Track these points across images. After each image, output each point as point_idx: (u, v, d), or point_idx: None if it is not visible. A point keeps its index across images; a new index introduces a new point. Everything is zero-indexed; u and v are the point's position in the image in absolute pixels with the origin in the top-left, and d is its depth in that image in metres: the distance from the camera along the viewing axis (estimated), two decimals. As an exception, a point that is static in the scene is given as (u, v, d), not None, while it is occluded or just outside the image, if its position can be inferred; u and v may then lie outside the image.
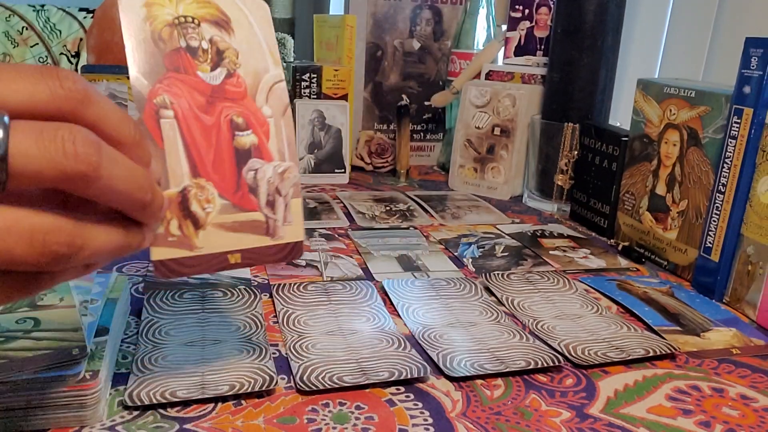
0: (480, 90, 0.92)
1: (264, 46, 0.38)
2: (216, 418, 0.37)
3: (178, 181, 0.33)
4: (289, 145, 0.38)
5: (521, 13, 0.94)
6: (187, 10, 0.36)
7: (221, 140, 0.35)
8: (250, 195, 0.36)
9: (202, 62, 0.35)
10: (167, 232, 0.33)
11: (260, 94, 0.37)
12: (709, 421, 0.40)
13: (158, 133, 0.33)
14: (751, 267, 0.55)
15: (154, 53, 0.34)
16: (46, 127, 0.24)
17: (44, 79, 0.25)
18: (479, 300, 0.55)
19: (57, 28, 1.01)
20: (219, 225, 0.35)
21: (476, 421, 0.38)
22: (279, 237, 0.37)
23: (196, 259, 0.34)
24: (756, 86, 0.54)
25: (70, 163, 0.24)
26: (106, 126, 0.26)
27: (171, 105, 0.34)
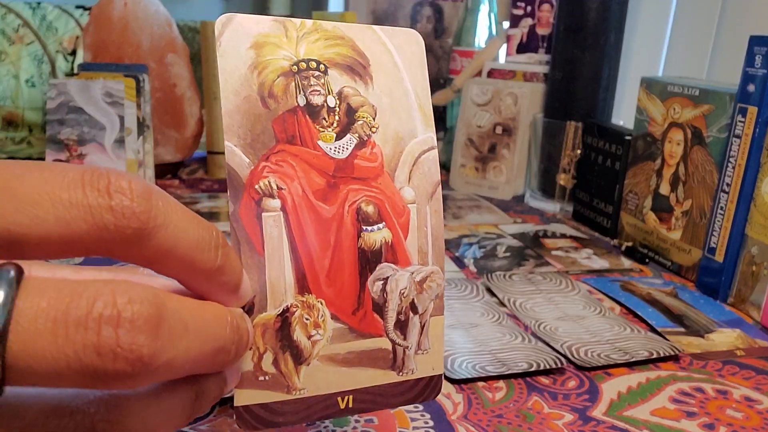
0: (481, 88, 0.91)
1: (412, 100, 0.28)
2: (214, 420, 0.37)
3: (279, 299, 0.25)
4: (435, 242, 0.29)
5: (523, 10, 0.94)
6: (311, 51, 0.27)
7: (342, 239, 0.27)
8: (375, 314, 0.28)
9: (325, 127, 0.27)
10: (258, 369, 0.25)
11: (402, 169, 0.28)
12: (714, 423, 0.39)
13: (258, 233, 0.25)
14: (755, 267, 0.54)
15: (261, 116, 0.25)
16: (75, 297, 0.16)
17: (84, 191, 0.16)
18: (481, 301, 0.54)
19: (53, 25, 1.01)
20: (329, 358, 0.27)
21: (478, 423, 0.38)
22: (409, 371, 0.28)
23: (293, 404, 0.26)
24: (760, 85, 0.53)
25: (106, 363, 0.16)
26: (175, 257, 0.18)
27: (279, 192, 0.25)
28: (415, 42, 0.29)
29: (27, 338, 0.15)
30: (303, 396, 0.26)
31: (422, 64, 0.29)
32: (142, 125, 0.77)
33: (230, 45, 0.25)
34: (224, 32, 0.25)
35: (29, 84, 0.99)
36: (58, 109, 0.74)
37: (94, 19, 0.84)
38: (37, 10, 1.01)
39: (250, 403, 0.25)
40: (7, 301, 0.15)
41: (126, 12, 0.83)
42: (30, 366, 0.15)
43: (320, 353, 0.27)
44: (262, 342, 0.25)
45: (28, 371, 0.15)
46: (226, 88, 0.25)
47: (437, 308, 0.29)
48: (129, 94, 0.76)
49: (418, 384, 0.29)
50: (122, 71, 0.78)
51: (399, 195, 0.28)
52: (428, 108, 0.29)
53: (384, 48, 0.28)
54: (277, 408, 0.26)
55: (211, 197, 0.80)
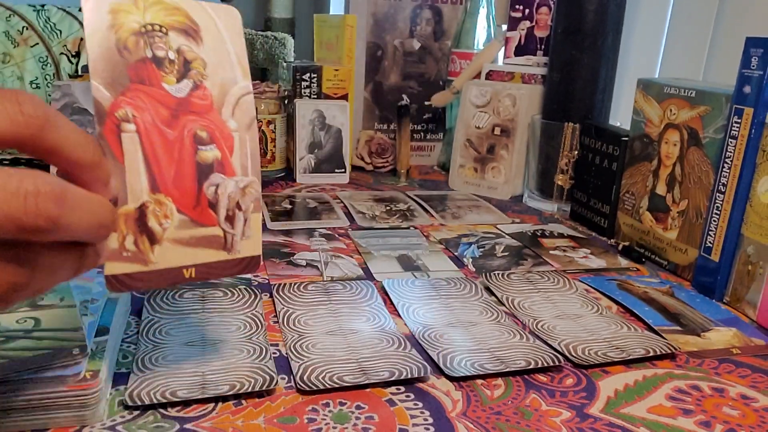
0: (480, 90, 0.92)
1: (233, 57, 0.37)
2: (216, 417, 0.37)
3: (137, 196, 0.33)
4: (253, 160, 0.37)
5: (521, 12, 0.94)
6: (155, 18, 0.34)
7: (184, 155, 0.34)
8: (210, 210, 0.35)
9: (167, 74, 0.34)
10: (122, 248, 0.32)
11: (227, 107, 0.36)
12: (710, 421, 0.40)
13: (119, 147, 0.32)
14: (751, 267, 0.55)
15: (118, 63, 0.33)
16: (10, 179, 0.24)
17: (3, 104, 0.24)
18: (479, 300, 0.55)
19: (57, 27, 1.01)
20: (176, 240, 0.34)
21: (476, 420, 0.38)
22: (236, 251, 0.37)
23: (149, 274, 0.34)
24: (756, 86, 0.54)
25: (30, 220, 0.24)
26: (65, 150, 0.26)
27: (133, 118, 0.33)
28: (234, 16, 0.38)
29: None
30: (156, 268, 0.34)
31: (240, 32, 0.38)
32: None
33: (93, 10, 0.32)
34: (88, 2, 0.32)
35: (34, 85, 0.99)
36: (63, 111, 0.74)
37: (95, 22, 0.85)
38: (42, 12, 1.01)
39: (117, 272, 0.32)
40: None
41: (127, 14, 0.83)
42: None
43: (169, 237, 0.34)
44: (125, 227, 0.32)
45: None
46: (91, 42, 0.32)
47: (255, 207, 0.37)
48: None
49: (243, 261, 0.37)
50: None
51: (226, 125, 0.36)
52: (245, 64, 0.37)
53: (210, 18, 0.36)
54: (137, 276, 0.33)
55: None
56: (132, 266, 0.33)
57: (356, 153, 1.04)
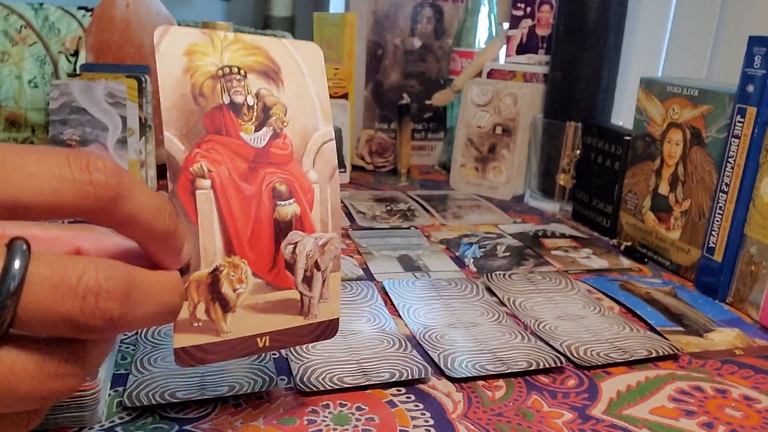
0: (481, 89, 0.91)
1: (315, 100, 0.34)
2: (216, 419, 0.37)
3: (210, 260, 0.30)
4: (333, 214, 0.35)
5: (523, 11, 0.94)
6: (233, 59, 0.32)
7: (261, 212, 0.32)
8: (287, 271, 0.33)
9: (246, 121, 0.32)
10: (192, 317, 0.30)
11: (307, 156, 0.34)
12: (712, 422, 0.39)
13: (192, 206, 0.30)
14: (754, 267, 0.55)
15: (194, 112, 0.30)
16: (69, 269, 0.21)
17: (71, 170, 0.21)
18: (480, 300, 0.55)
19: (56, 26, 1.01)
20: (250, 307, 0.32)
21: (477, 422, 0.38)
22: (313, 316, 0.34)
23: (221, 345, 0.31)
24: (759, 85, 0.54)
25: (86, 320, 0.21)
26: (140, 221, 0.23)
27: (209, 173, 0.30)
28: (316, 54, 0.35)
29: (35, 296, 0.20)
30: (229, 338, 0.32)
31: (322, 72, 0.35)
32: (144, 126, 0.77)
33: (167, 52, 0.30)
34: (162, 41, 0.30)
35: (32, 85, 0.99)
36: (61, 110, 0.74)
37: (96, 20, 0.84)
38: (40, 11, 1.01)
39: (186, 345, 0.30)
40: (23, 268, 0.20)
41: (128, 13, 0.83)
42: (34, 316, 0.21)
43: (243, 303, 0.32)
44: (196, 295, 0.30)
45: (32, 320, 0.21)
46: (164, 88, 0.29)
47: (335, 266, 0.35)
48: (131, 94, 0.76)
49: (321, 326, 0.35)
50: (124, 72, 0.78)
51: (305, 177, 0.34)
52: (327, 108, 0.35)
53: (292, 58, 0.34)
54: (208, 348, 0.31)
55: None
56: (203, 337, 0.30)
57: (357, 152, 1.04)
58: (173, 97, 0.30)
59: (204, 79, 0.31)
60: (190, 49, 0.30)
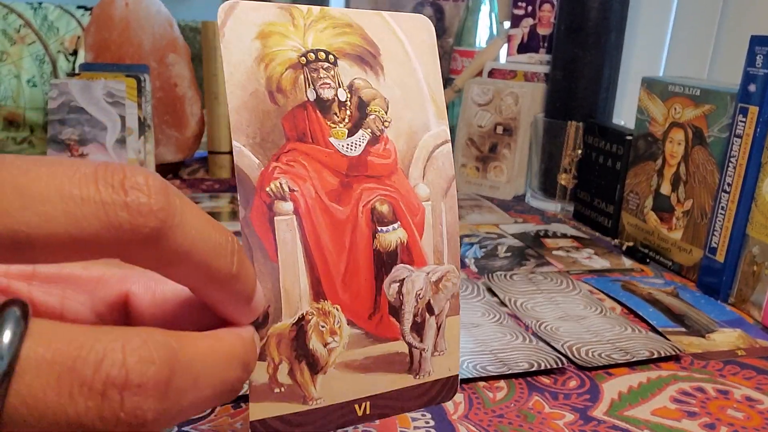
0: (482, 88, 0.91)
1: (425, 90, 0.27)
2: (215, 420, 0.37)
3: (294, 307, 0.24)
4: (450, 240, 0.28)
5: (524, 10, 0.93)
6: (319, 41, 0.25)
7: (357, 241, 0.25)
8: (391, 318, 0.27)
9: (337, 123, 0.25)
10: (273, 381, 0.24)
11: (416, 165, 0.27)
12: (714, 423, 0.39)
13: (271, 238, 0.24)
14: (756, 267, 0.54)
15: (270, 113, 0.24)
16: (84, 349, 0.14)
17: (97, 187, 0.15)
18: (481, 301, 0.54)
19: (55, 25, 1.01)
20: (345, 365, 0.26)
21: (479, 423, 0.38)
22: (425, 373, 0.27)
23: (310, 415, 0.25)
24: (761, 84, 0.53)
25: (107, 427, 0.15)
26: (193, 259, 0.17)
27: (291, 194, 0.24)
28: (425, 29, 0.28)
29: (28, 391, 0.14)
30: (319, 406, 0.25)
31: (434, 52, 0.28)
32: (143, 125, 0.77)
33: (235, 35, 0.23)
34: (227, 21, 0.23)
35: (31, 84, 0.99)
36: (60, 109, 0.74)
37: (95, 19, 0.84)
38: (39, 10, 1.01)
39: (266, 416, 0.24)
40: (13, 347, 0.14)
41: (127, 12, 0.83)
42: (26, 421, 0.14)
43: (337, 360, 0.25)
44: (277, 353, 0.24)
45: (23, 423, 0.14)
46: (232, 83, 0.23)
47: (453, 308, 0.28)
48: (130, 94, 0.76)
49: (435, 386, 0.28)
50: (123, 71, 0.78)
51: (413, 192, 0.27)
52: (441, 99, 0.28)
53: (394, 36, 0.27)
54: (293, 419, 0.25)
55: (212, 197, 0.80)
56: (286, 406, 0.24)
57: (357, 152, 1.04)
58: (244, 94, 0.23)
59: (283, 69, 0.24)
60: (264, 31, 0.24)
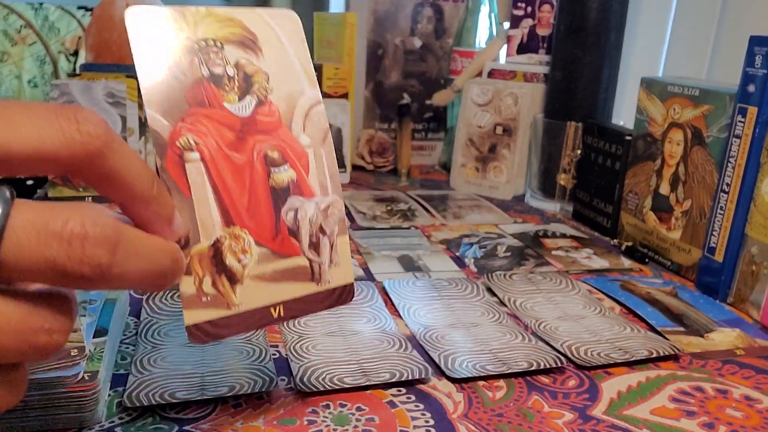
0: (482, 88, 0.91)
1: (297, 65, 0.34)
2: (216, 419, 0.37)
3: (209, 232, 0.30)
4: (332, 177, 0.34)
5: (524, 11, 0.94)
6: (207, 32, 0.31)
7: (255, 180, 0.31)
8: (291, 238, 0.32)
9: (228, 91, 0.31)
10: (200, 292, 0.29)
11: (296, 121, 0.33)
12: (713, 422, 0.39)
13: (184, 179, 0.29)
14: (755, 267, 0.55)
15: (173, 87, 0.30)
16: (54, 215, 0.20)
17: (59, 120, 0.21)
18: (481, 300, 0.55)
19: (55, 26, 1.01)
20: (258, 277, 0.31)
21: (478, 422, 0.38)
22: (326, 282, 0.34)
23: (234, 318, 0.30)
24: (760, 85, 0.54)
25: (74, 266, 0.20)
26: (125, 179, 0.23)
27: (196, 146, 0.30)
28: (293, 21, 0.34)
29: (17, 241, 0.20)
30: (241, 311, 0.31)
31: (302, 39, 0.34)
32: (143, 125, 0.77)
33: (140, 33, 0.29)
34: (132, 23, 0.29)
35: (32, 84, 0.99)
36: (60, 110, 0.74)
37: (95, 20, 0.84)
38: (39, 11, 1.01)
39: (198, 321, 0.29)
40: (5, 212, 0.20)
41: (127, 13, 0.83)
42: (17, 262, 0.20)
43: (250, 273, 0.31)
44: (201, 269, 0.29)
45: (15, 266, 0.20)
46: (142, 69, 0.29)
47: (341, 229, 0.34)
48: (131, 94, 0.76)
49: (335, 292, 0.34)
50: (124, 72, 0.78)
51: (297, 142, 0.33)
52: (311, 72, 0.34)
53: (268, 26, 0.33)
54: (221, 322, 0.30)
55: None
56: (214, 312, 0.30)
57: (357, 152, 1.04)
58: (154, 77, 0.29)
59: (180, 54, 0.30)
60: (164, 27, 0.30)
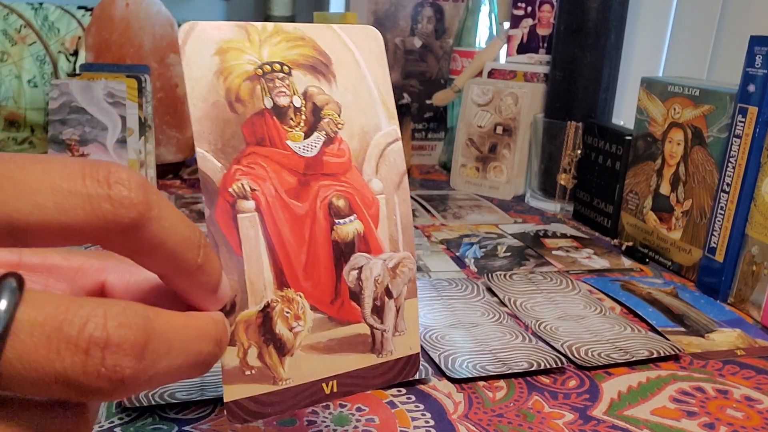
0: (482, 88, 0.91)
1: (375, 94, 0.30)
2: (215, 419, 0.37)
3: (260, 296, 0.26)
4: (404, 230, 0.30)
5: (524, 10, 0.94)
6: (274, 54, 0.27)
7: (317, 233, 0.28)
8: (352, 302, 0.29)
9: (293, 127, 0.28)
10: (244, 364, 0.26)
11: (369, 162, 0.29)
12: (714, 422, 0.39)
13: (235, 234, 0.26)
14: (755, 267, 0.55)
15: (230, 121, 0.26)
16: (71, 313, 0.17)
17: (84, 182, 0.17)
18: (481, 301, 0.55)
19: (55, 26, 1.01)
20: (311, 347, 0.28)
21: (478, 423, 0.38)
22: (387, 353, 0.30)
23: (281, 395, 0.27)
24: (760, 85, 0.54)
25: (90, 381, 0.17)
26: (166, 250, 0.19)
27: (252, 193, 0.26)
28: (373, 39, 0.30)
29: (22, 348, 0.16)
30: (289, 386, 0.27)
31: (382, 61, 0.30)
32: (143, 125, 0.77)
33: (195, 53, 0.26)
34: (188, 40, 0.25)
35: (31, 84, 0.99)
36: (60, 110, 0.74)
37: (95, 20, 0.84)
38: (39, 11, 1.01)
39: (239, 397, 0.26)
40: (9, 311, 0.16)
41: (128, 12, 0.83)
42: (20, 374, 0.16)
43: (302, 343, 0.28)
44: (246, 338, 0.26)
45: (18, 378, 0.16)
46: (194, 96, 0.25)
47: (410, 291, 0.31)
48: (131, 94, 0.76)
49: (398, 364, 0.30)
50: (124, 71, 0.78)
51: (368, 187, 0.30)
52: (390, 102, 0.30)
53: (344, 46, 0.29)
54: (264, 399, 0.27)
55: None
56: (258, 387, 0.26)
57: (357, 152, 1.04)
58: (205, 105, 0.26)
59: (241, 81, 0.26)
60: (222, 47, 0.26)
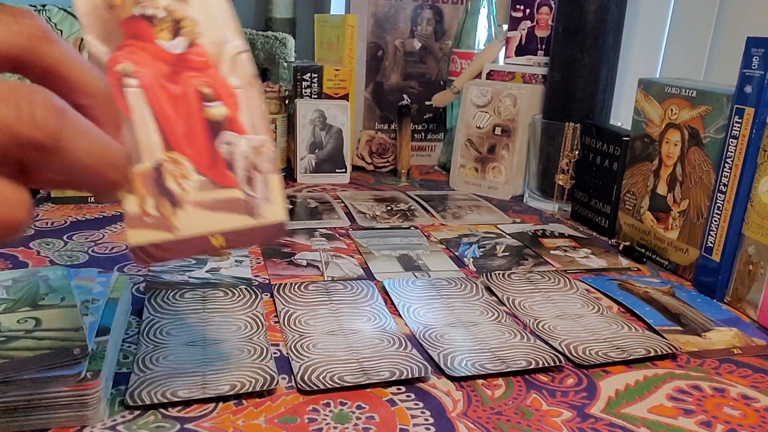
0: (481, 90, 0.92)
1: (221, 17, 0.35)
2: (217, 417, 0.37)
3: (151, 154, 0.31)
4: (262, 118, 0.35)
5: (522, 12, 0.94)
6: None
7: (191, 111, 0.33)
8: (228, 170, 0.34)
9: (161, 30, 0.33)
10: (143, 212, 0.31)
11: (224, 64, 0.34)
12: (711, 421, 0.40)
13: (123, 102, 0.31)
14: (752, 267, 0.55)
15: (109, 19, 0.32)
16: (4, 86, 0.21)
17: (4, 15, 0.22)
18: (480, 300, 0.55)
19: (58, 28, 1.02)
20: (198, 204, 0.33)
21: (477, 420, 0.38)
22: (260, 216, 0.34)
23: (176, 243, 0.32)
24: (757, 86, 0.54)
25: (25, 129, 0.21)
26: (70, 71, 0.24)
27: (135, 73, 0.32)
28: None
29: None
30: (182, 236, 0.32)
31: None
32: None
33: None
34: None
35: (33, 86, 1.00)
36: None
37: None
38: (42, 13, 1.02)
39: (143, 242, 0.31)
40: None
41: (128, 14, 0.83)
42: None
43: (191, 199, 0.32)
44: (143, 189, 0.31)
45: None
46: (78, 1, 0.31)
47: (273, 168, 0.35)
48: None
49: (268, 228, 0.35)
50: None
51: (227, 82, 0.35)
52: (236, 24, 0.36)
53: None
54: (164, 246, 0.32)
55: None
56: (157, 234, 0.31)
57: (357, 153, 1.04)
58: (88, 5, 0.31)
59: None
60: None
